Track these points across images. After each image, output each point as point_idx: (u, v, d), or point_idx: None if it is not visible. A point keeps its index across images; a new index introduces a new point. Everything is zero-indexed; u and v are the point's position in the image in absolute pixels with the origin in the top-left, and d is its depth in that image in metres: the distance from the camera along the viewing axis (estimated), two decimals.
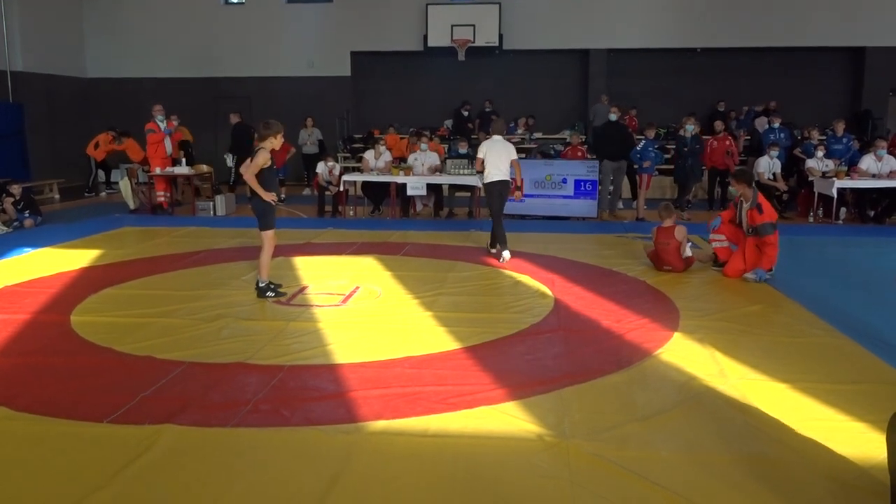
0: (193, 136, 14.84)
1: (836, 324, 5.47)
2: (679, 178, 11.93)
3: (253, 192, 6.20)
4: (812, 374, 4.45)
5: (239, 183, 12.49)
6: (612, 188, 11.76)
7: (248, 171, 6.12)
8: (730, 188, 7.19)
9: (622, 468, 3.22)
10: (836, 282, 7.07)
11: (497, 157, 7.97)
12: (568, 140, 14.02)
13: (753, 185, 7.25)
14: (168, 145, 12.20)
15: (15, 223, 10.49)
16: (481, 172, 8.21)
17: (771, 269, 7.01)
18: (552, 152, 14.26)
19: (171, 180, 12.39)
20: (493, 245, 8.32)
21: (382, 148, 12.19)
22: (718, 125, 12.71)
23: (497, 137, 8.12)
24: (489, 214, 8.43)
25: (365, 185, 12.27)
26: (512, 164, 8.03)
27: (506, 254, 7.93)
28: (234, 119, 14.07)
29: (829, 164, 11.44)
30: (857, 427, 3.66)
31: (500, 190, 8.05)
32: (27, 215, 10.68)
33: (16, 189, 10.81)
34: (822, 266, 7.95)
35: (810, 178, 11.53)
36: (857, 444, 3.46)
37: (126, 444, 3.47)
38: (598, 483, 3.10)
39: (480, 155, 8.08)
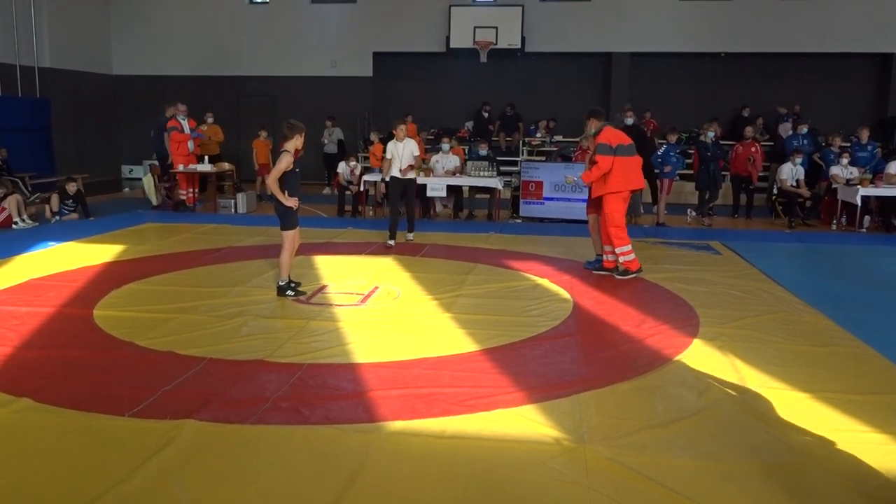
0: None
1: (859, 333, 5.41)
2: (701, 184, 11.83)
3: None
4: (833, 383, 4.40)
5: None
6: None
7: (271, 175, 6.16)
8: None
9: (640, 474, 3.21)
10: (858, 291, 6.99)
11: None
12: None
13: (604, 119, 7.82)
14: (190, 144, 12.33)
15: (56, 218, 10.69)
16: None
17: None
18: (571, 156, 14.22)
19: (196, 177, 12.50)
20: (410, 230, 9.52)
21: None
22: (748, 130, 12.59)
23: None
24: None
25: (386, 186, 12.23)
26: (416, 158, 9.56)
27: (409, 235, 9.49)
28: None
29: (854, 172, 11.31)
30: (878, 438, 3.62)
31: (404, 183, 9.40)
32: (68, 211, 10.87)
33: (72, 187, 10.95)
34: (845, 274, 7.86)
35: (834, 186, 11.41)
36: (878, 455, 3.42)
37: (147, 438, 3.50)
38: (615, 489, 3.09)
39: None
